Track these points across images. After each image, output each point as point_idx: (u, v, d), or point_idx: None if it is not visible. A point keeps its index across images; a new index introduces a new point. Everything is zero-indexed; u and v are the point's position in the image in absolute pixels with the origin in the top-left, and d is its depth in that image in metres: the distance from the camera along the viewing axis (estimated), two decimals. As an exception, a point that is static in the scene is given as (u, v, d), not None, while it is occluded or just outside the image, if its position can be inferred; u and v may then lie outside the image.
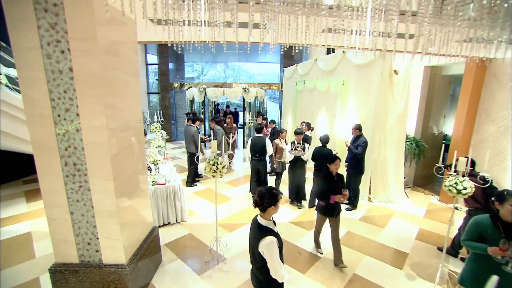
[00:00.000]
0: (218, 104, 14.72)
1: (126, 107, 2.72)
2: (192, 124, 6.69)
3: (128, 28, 2.77)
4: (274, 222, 2.06)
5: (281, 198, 4.89)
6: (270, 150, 5.58)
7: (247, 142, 8.79)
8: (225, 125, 8.67)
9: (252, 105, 11.54)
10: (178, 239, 4.27)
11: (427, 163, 6.69)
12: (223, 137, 7.16)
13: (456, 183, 2.89)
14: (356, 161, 5.31)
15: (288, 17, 2.21)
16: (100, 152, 2.34)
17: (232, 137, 8.40)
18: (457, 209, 5.24)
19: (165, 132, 8.02)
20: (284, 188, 6.24)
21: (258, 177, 5.69)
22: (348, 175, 5.48)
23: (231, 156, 8.41)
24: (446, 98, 7.15)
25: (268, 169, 6.56)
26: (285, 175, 5.95)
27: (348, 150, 5.42)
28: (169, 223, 4.65)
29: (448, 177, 3.01)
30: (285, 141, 6.02)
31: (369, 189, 5.92)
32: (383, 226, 4.86)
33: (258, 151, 5.54)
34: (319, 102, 8.01)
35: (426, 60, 5.21)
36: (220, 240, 3.90)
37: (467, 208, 3.67)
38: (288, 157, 5.35)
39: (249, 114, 10.58)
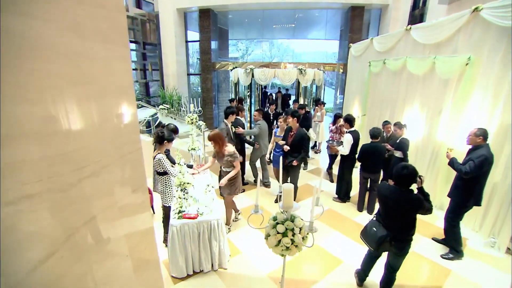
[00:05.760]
0: (265, 87, 12.88)
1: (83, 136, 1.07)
2: (225, 119, 4.80)
3: None
4: None
5: None
6: None
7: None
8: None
9: (307, 90, 9.52)
10: (214, 307, 2.79)
11: None
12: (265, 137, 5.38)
13: None
14: (463, 184, 3.28)
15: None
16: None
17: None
18: None
19: (204, 124, 6.57)
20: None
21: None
22: (451, 204, 3.52)
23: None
24: None
25: None
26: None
27: (449, 164, 3.42)
28: (201, 271, 3.17)
29: None
30: None
31: None
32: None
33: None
34: (409, 91, 5.74)
35: None
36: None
37: None
38: None
39: (305, 102, 8.64)
